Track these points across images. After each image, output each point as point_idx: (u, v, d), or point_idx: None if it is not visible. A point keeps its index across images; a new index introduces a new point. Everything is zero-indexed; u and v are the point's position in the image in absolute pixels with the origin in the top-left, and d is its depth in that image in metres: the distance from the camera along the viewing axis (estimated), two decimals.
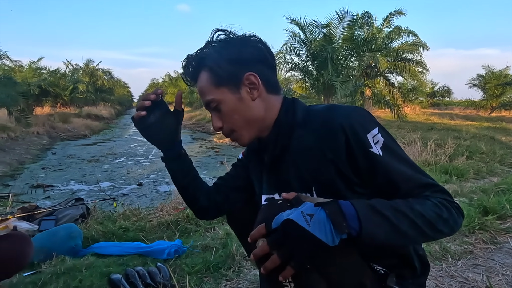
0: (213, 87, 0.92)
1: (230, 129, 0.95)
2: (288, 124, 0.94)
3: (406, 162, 0.85)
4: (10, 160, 7.85)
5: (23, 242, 1.34)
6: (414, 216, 0.75)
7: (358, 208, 0.73)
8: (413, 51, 15.63)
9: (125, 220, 2.54)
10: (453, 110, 22.33)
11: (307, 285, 0.74)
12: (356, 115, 0.86)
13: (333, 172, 0.85)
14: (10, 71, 16.65)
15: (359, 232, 0.70)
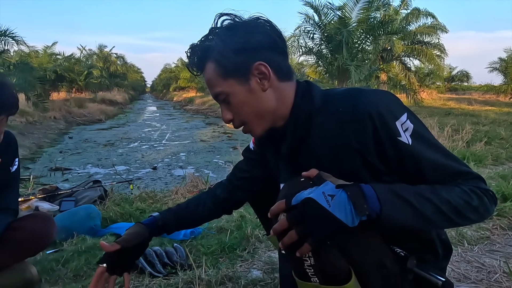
0: (221, 79, 0.86)
1: (241, 121, 0.90)
2: (306, 112, 0.88)
3: (438, 149, 0.82)
4: (29, 144, 8.07)
5: (47, 221, 1.39)
6: (439, 202, 0.74)
7: (378, 191, 0.72)
8: (431, 34, 15.16)
9: (142, 202, 2.60)
10: (471, 95, 21.69)
11: (326, 261, 0.74)
12: (383, 101, 0.81)
13: (359, 161, 0.82)
14: (26, 57, 16.92)
15: (379, 214, 0.70)
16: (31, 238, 1.31)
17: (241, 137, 10.07)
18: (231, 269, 1.51)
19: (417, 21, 14.48)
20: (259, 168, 1.11)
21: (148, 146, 8.58)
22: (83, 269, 1.55)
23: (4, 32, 10.41)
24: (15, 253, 1.31)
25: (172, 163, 6.61)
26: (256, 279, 1.44)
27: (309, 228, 0.70)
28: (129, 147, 8.47)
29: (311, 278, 0.76)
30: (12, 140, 1.38)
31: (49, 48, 20.52)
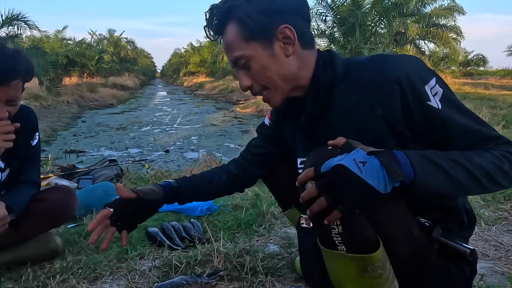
0: (243, 42, 0.83)
1: (260, 88, 0.88)
2: (328, 80, 0.86)
3: (467, 114, 0.80)
4: (44, 127, 8.21)
5: (69, 194, 1.42)
6: (471, 167, 0.73)
7: (411, 156, 0.71)
8: (447, 16, 14.68)
9: (157, 181, 2.63)
10: (488, 80, 21.12)
11: (354, 229, 0.73)
12: (411, 65, 0.79)
13: (384, 129, 0.80)
14: (38, 41, 17.04)
15: (412, 181, 0.69)
16: (55, 209, 1.35)
17: (251, 121, 10.05)
18: (248, 243, 1.53)
19: (433, 3, 14.02)
20: (275, 144, 1.10)
21: (160, 130, 8.65)
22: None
23: (17, 16, 10.48)
24: (39, 223, 1.35)
25: (184, 146, 6.67)
26: (273, 253, 1.46)
27: (339, 195, 0.68)
28: (141, 131, 8.56)
29: (338, 247, 0.75)
30: (31, 114, 1.40)
31: (60, 33, 20.59)
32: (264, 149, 1.12)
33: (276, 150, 1.11)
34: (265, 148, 1.12)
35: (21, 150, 1.35)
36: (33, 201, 1.32)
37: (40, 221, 1.34)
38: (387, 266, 0.77)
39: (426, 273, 0.84)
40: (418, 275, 0.84)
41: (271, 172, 1.17)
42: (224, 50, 0.89)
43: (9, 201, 1.22)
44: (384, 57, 0.84)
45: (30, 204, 1.31)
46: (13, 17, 10.47)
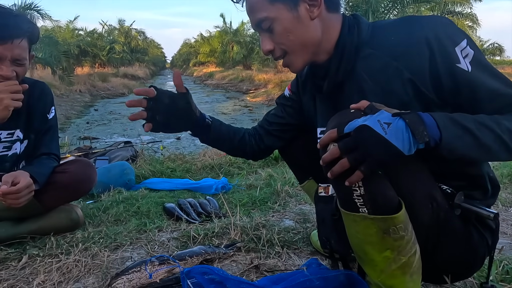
0: (267, 3, 0.82)
1: (282, 51, 0.86)
2: (353, 44, 0.84)
3: (498, 77, 0.77)
4: (58, 115, 8.31)
5: (89, 166, 1.45)
6: (500, 131, 0.70)
7: (438, 118, 0.69)
8: (463, 3, 14.30)
9: (172, 163, 2.67)
10: (504, 69, 20.59)
11: (377, 190, 0.72)
12: (442, 25, 0.77)
13: (411, 93, 0.79)
14: (50, 31, 17.20)
15: (438, 143, 0.68)
16: (75, 181, 1.38)
17: (262, 110, 10.05)
18: (264, 218, 1.55)
19: None
20: (293, 115, 1.10)
21: None
22: (123, 215, 1.62)
23: (30, 6, 10.59)
24: (61, 194, 1.38)
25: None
26: (288, 227, 1.47)
27: (363, 156, 0.67)
28: None
29: (360, 209, 0.74)
30: (46, 89, 1.42)
31: (72, 23, 20.77)
32: (283, 119, 1.11)
33: (294, 121, 1.11)
34: (284, 118, 1.11)
35: (38, 123, 1.38)
36: (54, 173, 1.36)
37: (61, 192, 1.37)
38: (409, 228, 0.77)
39: (448, 238, 0.83)
40: (439, 240, 0.83)
41: (288, 143, 1.16)
42: (247, 12, 0.88)
43: (32, 171, 1.25)
44: (412, 18, 0.82)
45: (51, 175, 1.34)
46: (26, 6, 10.58)
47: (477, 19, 15.12)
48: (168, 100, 0.93)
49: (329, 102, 0.95)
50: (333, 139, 0.70)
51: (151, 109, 0.92)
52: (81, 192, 1.45)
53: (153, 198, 1.83)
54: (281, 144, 1.16)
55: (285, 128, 1.12)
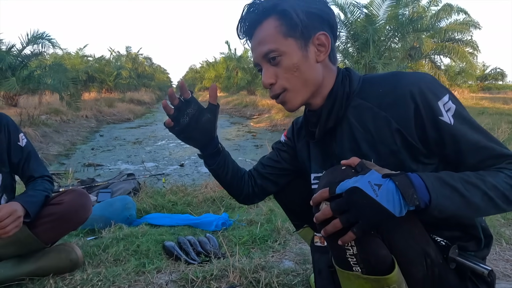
0: (280, 37, 0.84)
1: (283, 87, 0.87)
2: (344, 93, 0.88)
3: (480, 131, 0.80)
4: (63, 141, 8.45)
5: (83, 195, 1.45)
6: (486, 188, 0.72)
7: (426, 179, 0.71)
8: (463, 31, 14.57)
9: (173, 195, 2.68)
10: (507, 94, 20.69)
11: (369, 250, 0.73)
12: (425, 81, 0.82)
13: (399, 142, 0.82)
14: (60, 59, 17.70)
15: (427, 204, 0.69)
16: (71, 211, 1.38)
17: (265, 136, 10.11)
18: (263, 258, 1.54)
19: (448, 18, 13.98)
20: (288, 160, 1.12)
21: (175, 144, 8.77)
22: (122, 254, 1.62)
23: (41, 35, 10.97)
24: (58, 226, 1.38)
25: (199, 160, 6.63)
26: (288, 269, 1.46)
27: (355, 217, 0.69)
28: (156, 145, 8.69)
29: (353, 268, 0.75)
30: (4, 119, 1.41)
31: (81, 50, 21.41)
32: (278, 163, 1.13)
33: (288, 165, 1.12)
34: (279, 163, 1.13)
35: (14, 155, 1.38)
36: (49, 205, 1.37)
37: (58, 223, 1.37)
38: (403, 286, 0.77)
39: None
40: None
41: (281, 188, 1.16)
42: (254, 44, 0.89)
43: (23, 201, 1.26)
44: (398, 74, 0.86)
45: (47, 207, 1.36)
46: (38, 36, 10.97)
47: (477, 46, 15.34)
48: (197, 108, 0.94)
49: (322, 148, 0.98)
50: (325, 198, 0.72)
51: (179, 109, 0.93)
52: (78, 222, 1.45)
53: (153, 236, 1.83)
54: (274, 188, 1.16)
55: (280, 173, 1.14)
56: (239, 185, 1.13)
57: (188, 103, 0.93)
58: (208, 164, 1.08)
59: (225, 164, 1.08)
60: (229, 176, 1.10)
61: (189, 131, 0.95)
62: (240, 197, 1.16)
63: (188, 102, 0.93)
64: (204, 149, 1.05)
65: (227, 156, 1.10)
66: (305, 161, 1.06)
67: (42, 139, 7.70)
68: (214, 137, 1.02)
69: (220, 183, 1.13)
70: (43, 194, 1.37)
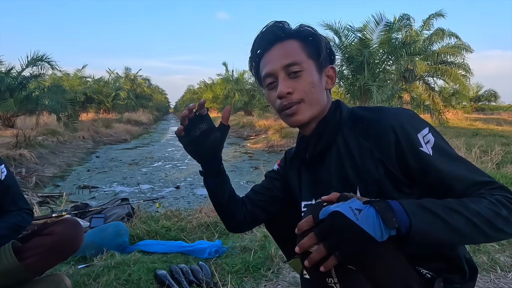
0: (304, 55, 0.92)
1: (300, 98, 0.92)
2: (334, 121, 0.95)
3: (459, 161, 0.83)
4: (59, 163, 8.41)
5: (75, 226, 1.44)
6: (469, 214, 0.72)
7: (406, 205, 0.71)
8: (455, 54, 14.94)
9: (167, 220, 2.66)
10: (500, 115, 20.97)
11: (351, 286, 0.73)
12: (405, 115, 0.86)
13: (382, 171, 0.85)
14: (58, 80, 17.88)
15: (408, 229, 0.69)
16: (61, 243, 1.36)
17: (262, 157, 10.12)
18: None
19: (440, 42, 14.36)
20: (280, 188, 1.13)
21: (171, 166, 8.76)
22: (113, 284, 1.60)
23: (41, 57, 11.13)
24: (48, 258, 1.36)
25: (195, 182, 6.70)
26: None
27: (336, 241, 0.69)
28: (153, 166, 8.67)
29: None
30: None
31: (80, 71, 21.65)
32: (269, 191, 1.15)
33: (280, 193, 1.14)
34: (271, 190, 1.14)
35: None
36: (40, 236, 1.36)
37: (48, 255, 1.35)
38: None
39: None
40: None
41: (272, 217, 1.17)
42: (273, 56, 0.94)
43: None
44: (382, 108, 0.92)
45: (37, 238, 1.35)
46: (38, 58, 11.12)
47: (470, 69, 15.68)
48: (209, 125, 0.99)
49: (312, 175, 1.01)
50: (310, 225, 0.73)
51: (192, 122, 0.97)
52: (68, 253, 1.43)
53: (145, 264, 1.81)
54: (265, 216, 1.16)
55: (271, 200, 1.15)
56: (232, 210, 1.13)
57: (202, 119, 0.98)
58: (207, 182, 1.09)
59: (224, 185, 1.10)
60: (225, 198, 1.11)
61: (196, 144, 1.00)
62: (231, 223, 1.15)
63: (202, 118, 0.98)
64: (206, 166, 1.07)
65: (227, 178, 1.12)
66: (296, 189, 1.08)
67: (38, 160, 7.66)
68: (218, 156, 1.06)
69: (215, 205, 1.14)
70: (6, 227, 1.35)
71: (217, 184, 1.09)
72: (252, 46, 0.99)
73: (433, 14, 14.16)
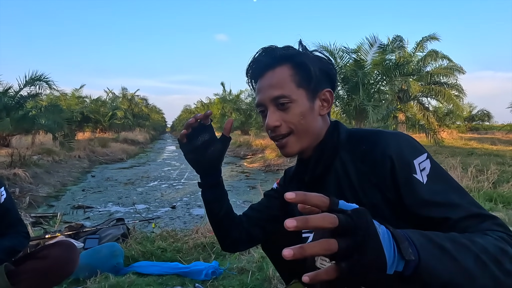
0: (293, 85, 0.89)
1: (288, 130, 0.91)
2: (332, 144, 0.93)
3: (456, 190, 0.79)
4: (54, 182, 8.32)
5: (71, 249, 1.42)
6: (477, 250, 0.61)
7: (411, 235, 0.57)
8: (448, 75, 15.25)
9: (163, 241, 2.61)
10: (494, 134, 21.19)
11: None
12: (403, 141, 0.85)
13: (379, 197, 0.83)
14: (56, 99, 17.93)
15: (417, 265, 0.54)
16: (56, 266, 1.35)
17: (259, 176, 10.08)
18: None
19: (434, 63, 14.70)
20: (279, 207, 1.11)
21: (167, 185, 8.68)
22: None
23: (39, 77, 11.20)
24: (42, 281, 1.34)
25: (191, 202, 6.63)
26: None
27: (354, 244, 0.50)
28: (148, 186, 8.59)
29: None
30: None
31: (77, 91, 21.77)
32: (268, 209, 1.13)
33: (278, 212, 1.11)
34: (269, 208, 1.13)
35: None
36: (34, 259, 1.33)
37: (42, 278, 1.33)
38: None
39: None
40: None
41: (269, 237, 1.14)
42: (263, 86, 0.93)
43: None
44: (379, 132, 0.90)
45: (33, 261, 1.32)
46: (36, 78, 11.19)
47: (462, 89, 15.98)
48: (211, 135, 1.00)
49: None
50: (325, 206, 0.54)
51: (195, 130, 0.98)
52: (63, 277, 1.41)
53: (140, 286, 1.77)
54: (261, 234, 1.14)
55: (269, 219, 1.13)
56: (228, 226, 1.11)
57: (204, 129, 0.98)
58: (205, 194, 1.08)
59: (221, 200, 1.08)
60: (222, 214, 1.09)
61: (197, 153, 1.00)
62: (226, 241, 1.13)
63: (205, 128, 0.99)
64: (205, 177, 1.06)
65: (225, 193, 1.10)
66: (295, 209, 1.06)
67: (32, 180, 7.57)
68: (218, 168, 1.05)
69: (211, 220, 1.12)
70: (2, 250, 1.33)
71: (215, 197, 1.08)
72: (246, 72, 0.98)
73: (426, 36, 14.58)
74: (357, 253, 0.50)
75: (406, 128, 14.22)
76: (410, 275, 0.55)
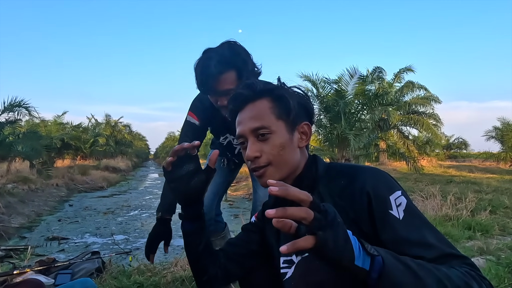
0: (273, 117, 0.92)
1: (268, 161, 0.92)
2: (311, 177, 0.95)
3: (430, 229, 0.81)
4: (28, 212, 7.97)
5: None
6: (441, 276, 0.68)
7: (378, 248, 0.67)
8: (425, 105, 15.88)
9: (140, 275, 2.51)
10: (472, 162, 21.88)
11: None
12: (380, 177, 0.87)
13: (356, 231, 0.82)
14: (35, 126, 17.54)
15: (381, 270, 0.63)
16: None
17: (242, 205, 9.95)
18: None
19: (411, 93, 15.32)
20: (257, 241, 1.10)
21: (148, 215, 8.45)
22: None
23: (19, 103, 10.97)
24: None
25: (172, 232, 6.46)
26: None
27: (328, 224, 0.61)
28: (129, 215, 8.33)
29: None
30: None
31: (59, 118, 21.39)
32: (246, 244, 1.11)
33: (256, 247, 1.10)
34: (247, 243, 1.11)
35: None
36: None
37: None
38: None
39: None
40: None
41: (246, 275, 1.12)
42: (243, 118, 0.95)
43: None
44: (358, 167, 0.93)
45: None
46: (15, 104, 10.95)
47: (439, 118, 16.61)
48: (196, 166, 0.99)
49: None
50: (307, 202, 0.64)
51: (181, 159, 0.97)
52: None
53: None
54: (239, 271, 1.11)
55: (247, 254, 1.11)
56: (206, 261, 1.08)
57: (190, 159, 0.98)
58: (184, 226, 1.06)
59: (201, 233, 1.06)
60: (200, 248, 1.06)
61: (180, 182, 0.98)
62: (203, 277, 1.09)
63: (191, 158, 0.98)
64: (186, 209, 1.04)
65: (206, 226, 1.08)
66: (273, 243, 1.05)
67: (5, 210, 7.24)
68: (200, 200, 1.03)
69: (189, 254, 1.09)
70: None
71: (195, 230, 1.05)
72: (228, 104, 1.01)
73: (403, 68, 15.26)
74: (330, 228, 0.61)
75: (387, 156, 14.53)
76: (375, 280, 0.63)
